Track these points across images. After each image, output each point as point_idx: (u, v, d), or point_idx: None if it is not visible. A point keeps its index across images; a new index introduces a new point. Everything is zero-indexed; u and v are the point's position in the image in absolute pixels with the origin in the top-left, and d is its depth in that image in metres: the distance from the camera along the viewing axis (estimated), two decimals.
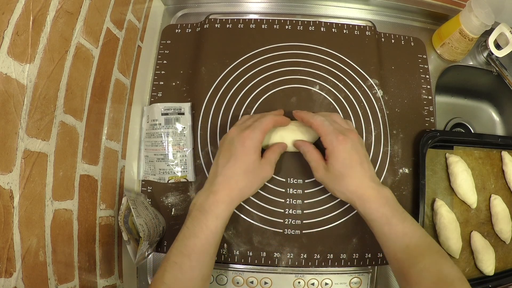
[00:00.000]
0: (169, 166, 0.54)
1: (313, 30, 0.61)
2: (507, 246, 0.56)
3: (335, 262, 0.52)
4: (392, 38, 0.62)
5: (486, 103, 0.79)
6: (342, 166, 0.45)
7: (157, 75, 0.59)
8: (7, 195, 0.31)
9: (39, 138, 0.35)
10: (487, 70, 0.65)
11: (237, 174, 0.44)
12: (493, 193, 0.57)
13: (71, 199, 0.41)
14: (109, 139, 0.50)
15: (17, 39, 0.31)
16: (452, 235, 0.53)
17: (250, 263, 0.52)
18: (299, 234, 0.52)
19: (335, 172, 0.45)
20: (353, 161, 0.45)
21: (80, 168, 0.43)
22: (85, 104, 0.43)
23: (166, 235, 0.53)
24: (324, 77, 0.58)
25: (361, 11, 0.65)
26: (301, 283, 0.52)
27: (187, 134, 0.55)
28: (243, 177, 0.45)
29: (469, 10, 0.56)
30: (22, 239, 0.33)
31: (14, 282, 0.32)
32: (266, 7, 0.65)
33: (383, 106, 0.57)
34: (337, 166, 0.45)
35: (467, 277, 0.54)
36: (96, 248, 0.47)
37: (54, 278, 0.38)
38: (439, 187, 0.56)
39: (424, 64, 0.62)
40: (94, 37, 0.44)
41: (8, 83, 0.31)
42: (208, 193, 0.44)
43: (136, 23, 0.56)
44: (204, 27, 0.61)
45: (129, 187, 0.55)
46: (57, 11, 0.36)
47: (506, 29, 0.57)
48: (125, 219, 0.49)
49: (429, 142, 0.55)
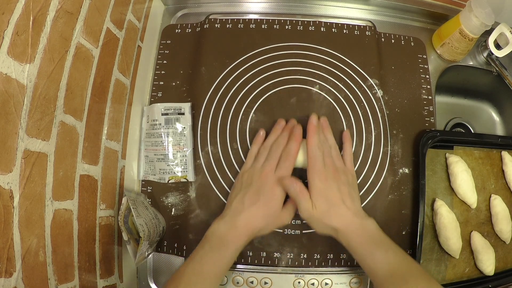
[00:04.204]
0: (169, 166, 0.54)
1: (313, 30, 0.61)
2: (507, 246, 0.56)
3: (335, 262, 0.52)
4: (392, 38, 0.62)
5: (486, 103, 0.79)
6: (323, 204, 0.46)
7: (157, 75, 0.60)
8: (7, 195, 0.31)
9: (39, 138, 0.35)
10: (487, 70, 0.65)
11: (260, 216, 0.47)
12: (493, 193, 0.57)
13: (71, 199, 0.41)
14: (109, 139, 0.50)
15: (17, 39, 0.31)
16: (452, 235, 0.53)
17: (250, 263, 0.52)
18: (299, 234, 0.52)
19: (319, 210, 0.46)
20: (334, 199, 0.46)
21: (80, 168, 0.43)
22: (85, 104, 0.43)
23: (166, 235, 0.53)
24: (324, 77, 0.58)
25: (361, 11, 0.65)
26: (301, 283, 0.52)
27: (187, 134, 0.55)
28: (265, 219, 0.47)
29: (469, 10, 0.56)
30: (22, 239, 0.33)
31: (14, 282, 0.32)
32: (266, 7, 0.65)
33: (383, 106, 0.57)
34: (319, 203, 0.46)
35: (467, 277, 0.55)
36: (96, 248, 0.47)
37: (54, 278, 0.38)
38: (439, 187, 0.56)
39: (424, 64, 0.62)
40: (94, 37, 0.44)
41: (8, 83, 0.31)
42: (230, 227, 0.46)
43: (136, 23, 0.56)
44: (204, 27, 0.61)
45: (129, 187, 0.55)
46: (57, 11, 0.36)
47: (506, 29, 0.57)
48: (125, 219, 0.49)
49: (429, 142, 0.55)
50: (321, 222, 0.47)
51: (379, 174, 0.55)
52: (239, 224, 0.46)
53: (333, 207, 0.46)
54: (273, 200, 0.47)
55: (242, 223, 0.46)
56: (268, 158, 0.50)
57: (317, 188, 0.47)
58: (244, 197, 0.48)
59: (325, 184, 0.47)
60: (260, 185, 0.48)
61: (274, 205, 0.48)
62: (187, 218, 0.53)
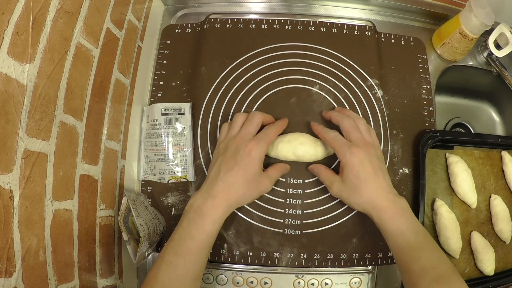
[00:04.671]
0: (169, 166, 0.54)
1: (313, 30, 0.61)
2: (507, 246, 0.56)
3: (335, 262, 0.52)
4: (392, 38, 0.62)
5: (486, 103, 0.79)
6: (356, 178, 0.45)
7: (157, 75, 0.60)
8: (7, 195, 0.31)
9: (39, 138, 0.35)
10: (487, 70, 0.65)
11: (238, 183, 0.45)
12: (493, 193, 0.57)
13: (71, 199, 0.41)
14: (109, 139, 0.50)
15: (17, 39, 0.31)
16: (452, 235, 0.53)
17: (250, 263, 0.52)
18: (299, 234, 0.52)
19: (350, 185, 0.46)
20: (367, 173, 0.45)
21: (80, 168, 0.43)
22: (85, 104, 0.43)
23: (166, 235, 0.53)
24: (324, 77, 0.58)
25: (361, 11, 0.65)
26: (301, 283, 0.52)
27: (187, 134, 0.55)
28: (243, 186, 0.45)
29: (469, 10, 0.56)
30: (22, 239, 0.33)
31: (14, 282, 0.32)
32: (266, 7, 0.65)
33: (383, 106, 0.57)
34: (351, 178, 0.45)
35: (467, 277, 0.55)
36: (96, 248, 0.47)
37: (54, 278, 0.38)
38: (439, 187, 0.56)
39: (424, 64, 0.62)
40: (94, 37, 0.44)
41: (8, 83, 0.31)
42: (207, 196, 0.44)
43: (136, 23, 0.56)
44: (204, 27, 0.61)
45: (129, 187, 0.55)
46: (57, 11, 0.36)
47: (506, 29, 0.57)
48: (125, 219, 0.49)
49: (429, 142, 0.55)
50: (352, 195, 0.46)
51: None
52: (216, 193, 0.44)
53: (365, 182, 0.45)
54: (250, 162, 0.45)
55: (219, 192, 0.44)
56: (246, 124, 0.48)
57: (349, 161, 0.45)
58: (221, 165, 0.46)
59: (357, 157, 0.45)
60: (235, 148, 0.46)
61: (252, 168, 0.45)
62: None
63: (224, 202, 0.44)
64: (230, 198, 0.45)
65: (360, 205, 0.46)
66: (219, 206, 0.44)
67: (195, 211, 0.44)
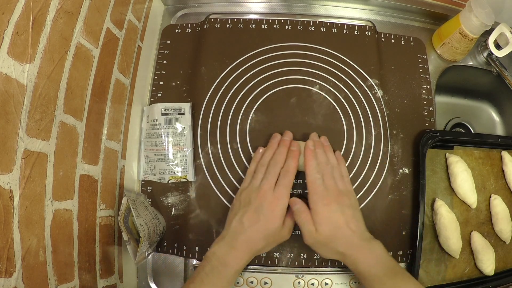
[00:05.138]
0: (169, 166, 0.54)
1: (313, 30, 0.61)
2: (507, 246, 0.56)
3: (335, 262, 0.52)
4: (392, 38, 0.62)
5: (486, 103, 0.79)
6: (328, 229, 0.45)
7: (157, 75, 0.60)
8: (7, 195, 0.31)
9: (39, 138, 0.35)
10: (487, 70, 0.65)
11: (260, 237, 0.46)
12: (493, 193, 0.57)
13: (71, 199, 0.41)
14: (109, 139, 0.50)
15: (17, 39, 0.31)
16: (452, 235, 0.53)
17: (250, 263, 0.52)
18: (299, 234, 0.52)
19: (323, 234, 0.45)
20: (339, 223, 0.45)
21: (80, 168, 0.43)
22: (85, 104, 0.43)
23: (166, 235, 0.53)
24: (324, 77, 0.58)
25: (361, 11, 0.65)
26: (301, 283, 0.52)
27: (187, 134, 0.55)
28: (265, 240, 0.47)
29: (469, 10, 0.56)
30: (22, 239, 0.33)
31: (14, 282, 0.32)
32: (266, 7, 0.65)
33: (383, 106, 0.57)
34: (322, 228, 0.45)
35: (467, 277, 0.54)
36: (96, 248, 0.47)
37: (54, 278, 0.38)
38: (439, 187, 0.56)
39: (424, 64, 0.62)
40: (94, 37, 0.44)
41: (8, 83, 0.31)
42: (230, 248, 0.46)
43: (136, 23, 0.56)
44: (204, 27, 0.61)
45: (129, 187, 0.55)
46: (57, 11, 0.36)
47: (506, 29, 0.57)
48: (125, 219, 0.49)
49: (429, 142, 0.55)
50: (326, 246, 0.46)
51: (379, 174, 0.55)
52: (239, 246, 0.45)
53: (338, 231, 0.45)
54: (273, 219, 0.46)
55: (242, 244, 0.45)
56: (266, 176, 0.49)
57: (320, 212, 0.46)
58: (243, 217, 0.46)
59: (329, 208, 0.46)
60: (259, 204, 0.47)
61: (274, 224, 0.46)
62: (187, 218, 0.53)
63: (246, 254, 0.46)
64: (252, 250, 0.46)
65: (333, 256, 0.46)
66: (241, 258, 0.45)
67: (218, 260, 0.45)
